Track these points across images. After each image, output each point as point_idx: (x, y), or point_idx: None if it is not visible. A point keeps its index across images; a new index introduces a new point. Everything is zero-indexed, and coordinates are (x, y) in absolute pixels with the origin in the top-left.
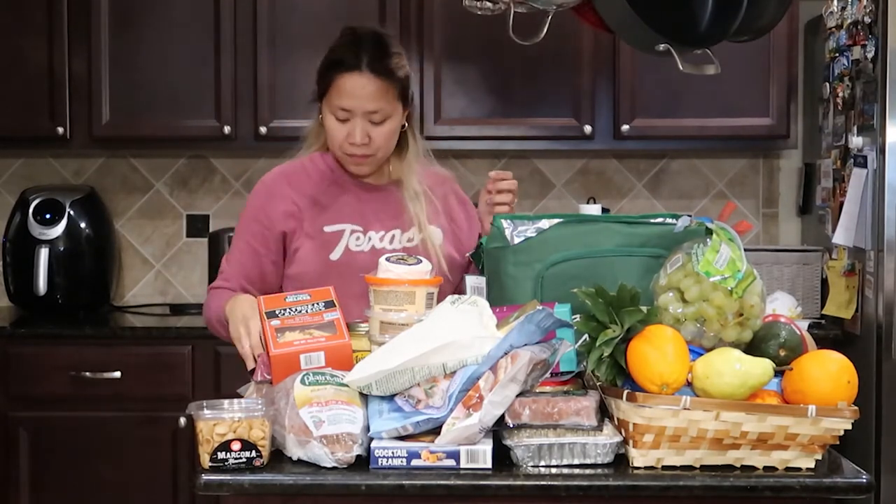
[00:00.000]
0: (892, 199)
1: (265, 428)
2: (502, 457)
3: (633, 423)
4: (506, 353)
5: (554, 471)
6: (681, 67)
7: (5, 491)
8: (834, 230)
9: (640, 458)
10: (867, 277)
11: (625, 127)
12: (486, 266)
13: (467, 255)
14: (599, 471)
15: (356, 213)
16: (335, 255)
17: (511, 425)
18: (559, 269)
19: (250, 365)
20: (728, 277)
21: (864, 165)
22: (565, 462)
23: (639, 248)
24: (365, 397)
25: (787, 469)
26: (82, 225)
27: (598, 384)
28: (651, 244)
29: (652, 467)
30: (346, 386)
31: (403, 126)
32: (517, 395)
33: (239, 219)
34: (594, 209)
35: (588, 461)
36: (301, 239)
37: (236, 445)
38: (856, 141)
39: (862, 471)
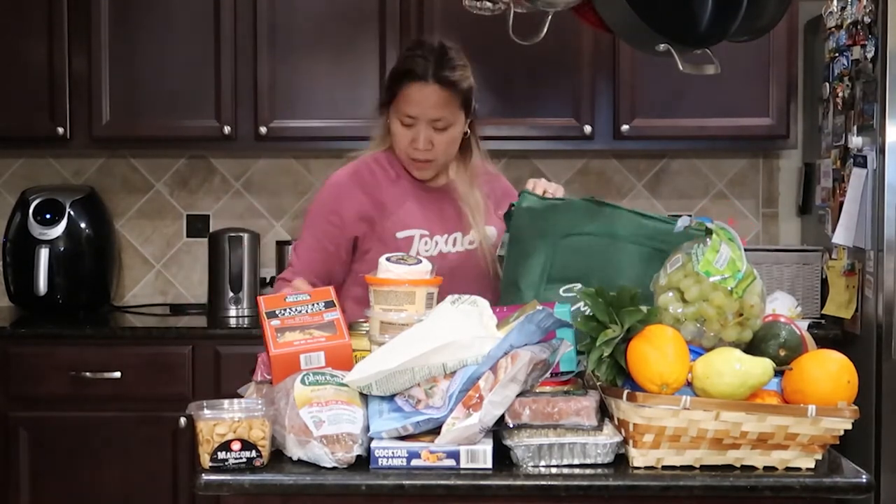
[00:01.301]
0: (891, 199)
1: (265, 428)
2: (502, 457)
3: (633, 423)
4: (506, 353)
5: (554, 471)
6: (681, 67)
7: (5, 491)
8: (834, 230)
9: (640, 458)
10: (867, 277)
11: (625, 127)
12: (511, 225)
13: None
14: (599, 471)
15: (422, 217)
16: None
17: (511, 425)
18: (573, 241)
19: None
20: (728, 277)
21: (864, 165)
22: (565, 462)
23: (648, 239)
24: (365, 397)
25: (787, 469)
26: (82, 225)
27: (598, 384)
28: (659, 238)
29: (652, 467)
30: (346, 386)
31: (466, 133)
32: (517, 395)
33: (308, 213)
34: None
35: (588, 461)
36: (373, 241)
37: (236, 445)
38: (855, 141)
39: (862, 471)
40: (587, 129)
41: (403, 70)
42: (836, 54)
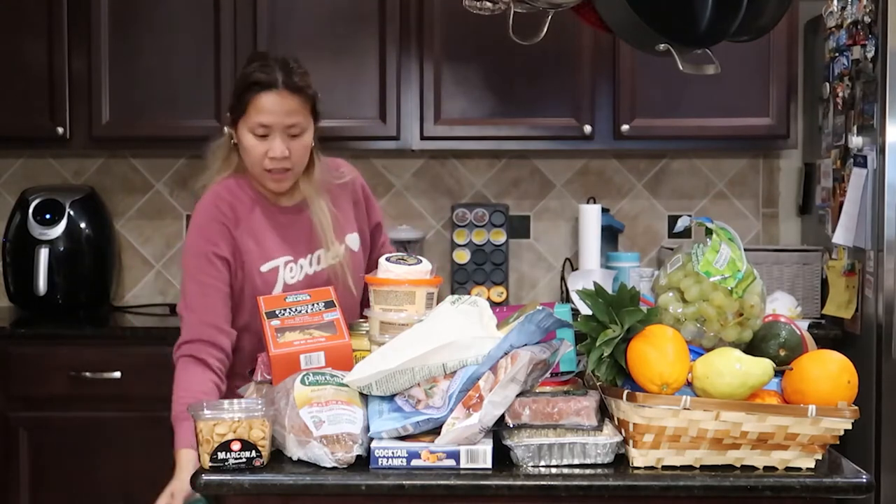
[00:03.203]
0: (891, 199)
1: (265, 428)
2: (502, 457)
3: (633, 423)
4: (506, 354)
5: (554, 471)
6: (681, 67)
7: (5, 491)
8: (834, 230)
9: (640, 458)
10: (867, 277)
11: (625, 127)
12: None
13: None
14: (599, 471)
15: (283, 244)
16: (276, 292)
17: (511, 425)
18: None
19: None
20: (728, 277)
21: (864, 165)
22: (565, 462)
23: None
24: (365, 397)
25: (787, 469)
26: (82, 225)
27: (598, 384)
28: None
29: (652, 467)
30: (346, 386)
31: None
32: (517, 395)
33: (186, 262)
34: (594, 209)
35: (588, 461)
36: (243, 281)
37: (236, 445)
38: (856, 141)
39: (862, 471)
40: (587, 129)
41: (251, 82)
42: (836, 54)
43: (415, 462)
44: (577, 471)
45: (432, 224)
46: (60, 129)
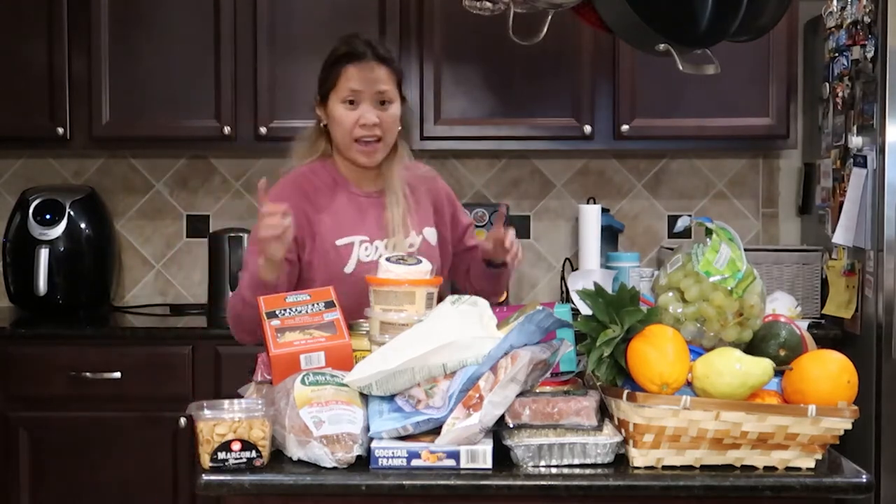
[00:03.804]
0: (891, 198)
1: (265, 428)
2: (502, 457)
3: (633, 423)
4: (506, 354)
5: (554, 471)
6: (681, 67)
7: (5, 491)
8: (834, 230)
9: (640, 458)
10: (867, 277)
11: (625, 127)
12: None
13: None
14: (599, 471)
15: (362, 223)
16: (349, 268)
17: (511, 425)
18: None
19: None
20: (728, 277)
21: (864, 165)
22: (565, 462)
23: None
24: (365, 397)
25: (787, 469)
26: (82, 225)
27: (598, 384)
28: None
29: (652, 467)
30: (346, 386)
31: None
32: (517, 396)
33: (252, 232)
34: (594, 209)
35: (588, 461)
36: (312, 253)
37: (236, 445)
38: (855, 141)
39: (862, 471)
40: (587, 129)
41: (339, 55)
42: (836, 54)
43: (415, 462)
44: (577, 471)
45: None
46: (60, 129)
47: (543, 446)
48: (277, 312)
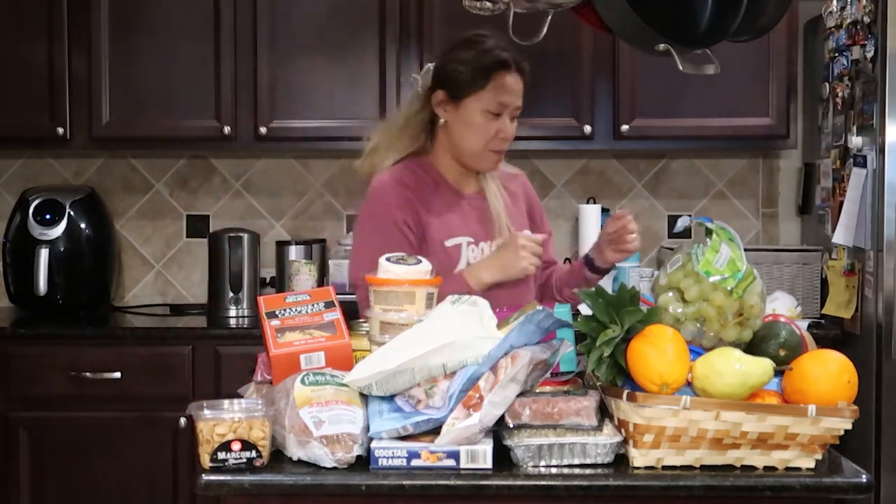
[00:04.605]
0: (891, 198)
1: (265, 428)
2: (502, 457)
3: (633, 423)
4: (506, 354)
5: (554, 471)
6: (681, 67)
7: (5, 491)
8: (834, 230)
9: (640, 458)
10: (867, 277)
11: (625, 127)
12: None
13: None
14: (599, 471)
15: (466, 225)
16: (459, 270)
17: (511, 425)
18: None
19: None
20: (728, 277)
21: (864, 165)
22: (565, 462)
23: None
24: (365, 397)
25: (787, 469)
26: (82, 225)
27: (598, 384)
28: None
29: (652, 467)
30: (346, 386)
31: None
32: (517, 396)
33: (364, 223)
34: (594, 209)
35: (588, 461)
36: (422, 251)
37: (236, 445)
38: (855, 141)
39: (862, 471)
40: (587, 129)
41: (497, 60)
42: (836, 54)
43: (415, 462)
44: (577, 471)
45: None
46: (60, 129)
47: (543, 446)
48: (277, 312)
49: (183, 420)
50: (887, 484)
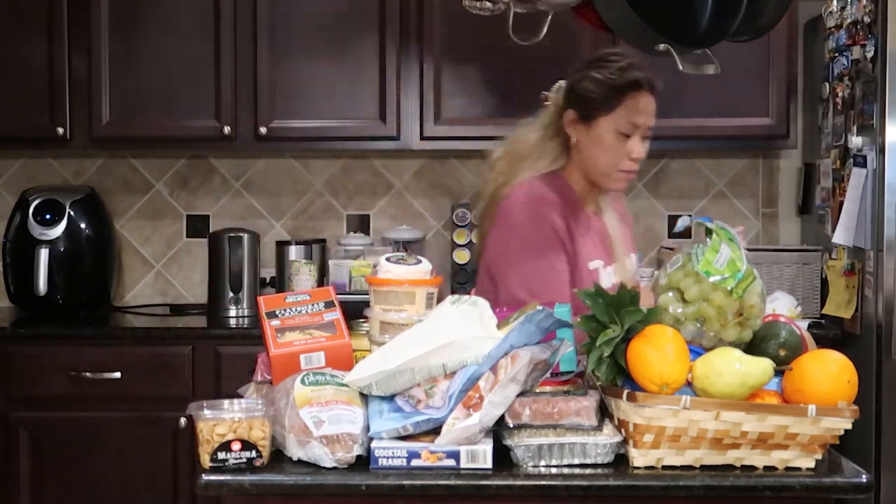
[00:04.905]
0: (891, 198)
1: (265, 428)
2: (502, 457)
3: (633, 423)
4: (506, 354)
5: (554, 471)
6: (681, 67)
7: (5, 491)
8: (833, 230)
9: (640, 458)
10: (867, 277)
11: None
12: None
13: None
14: (599, 471)
15: (600, 247)
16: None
17: (511, 425)
18: None
19: None
20: (728, 277)
21: (864, 165)
22: (565, 462)
23: None
24: (365, 397)
25: (787, 469)
26: (82, 225)
27: (598, 384)
28: None
29: (652, 467)
30: (346, 386)
31: None
32: (517, 396)
33: (523, 252)
34: None
35: (588, 461)
36: (570, 273)
37: (236, 445)
38: (855, 141)
39: (862, 470)
40: None
41: (632, 80)
42: (836, 54)
43: (415, 462)
44: (577, 471)
45: (432, 224)
46: (60, 129)
47: (543, 446)
48: (277, 312)
49: (183, 420)
50: (887, 484)
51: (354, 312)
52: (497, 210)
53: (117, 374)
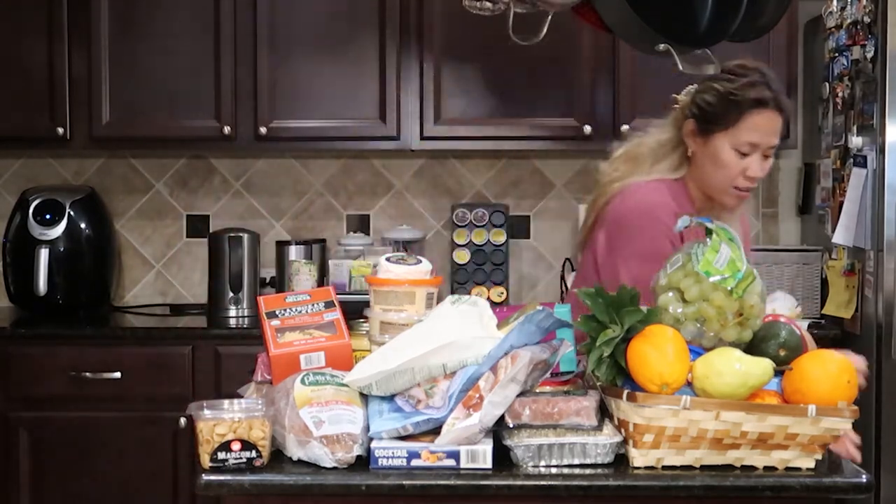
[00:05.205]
0: (891, 198)
1: (265, 428)
2: (502, 457)
3: (633, 423)
4: (506, 354)
5: (554, 471)
6: (681, 67)
7: (5, 491)
8: (834, 230)
9: (640, 458)
10: (867, 277)
11: (625, 127)
12: None
13: None
14: (599, 471)
15: None
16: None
17: (511, 425)
18: None
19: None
20: (728, 277)
21: (864, 165)
22: (565, 462)
23: None
24: (365, 397)
25: (787, 469)
26: (82, 225)
27: (598, 384)
28: None
29: (652, 467)
30: (346, 386)
31: None
32: (517, 395)
33: (628, 244)
34: None
35: (588, 461)
36: None
37: (236, 445)
38: (855, 141)
39: (862, 470)
40: (587, 129)
41: (752, 98)
42: (836, 54)
43: (415, 462)
44: (577, 471)
45: (432, 224)
46: (60, 129)
47: (543, 446)
48: (277, 312)
49: (183, 420)
50: (887, 484)
51: (354, 312)
52: (609, 207)
53: (117, 374)
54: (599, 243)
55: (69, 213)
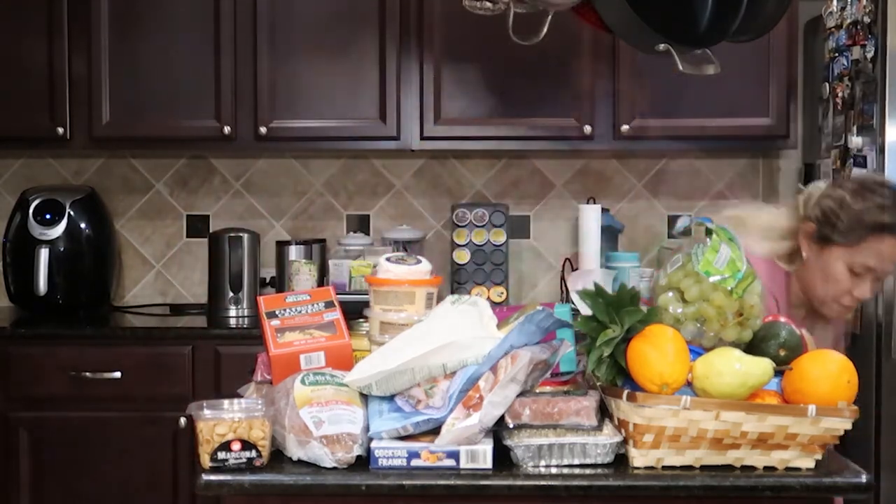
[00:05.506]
0: None
1: (265, 428)
2: (502, 457)
3: (633, 423)
4: (506, 354)
5: (554, 471)
6: (680, 67)
7: (5, 491)
8: None
9: (640, 458)
10: None
11: (625, 127)
12: None
13: None
14: (599, 471)
15: None
16: None
17: (511, 425)
18: None
19: None
20: (728, 277)
21: (864, 165)
22: (565, 462)
23: None
24: (365, 397)
25: (787, 469)
26: (82, 225)
27: (598, 384)
28: None
29: (652, 467)
30: (346, 386)
31: None
32: (517, 396)
33: None
34: (594, 209)
35: (588, 461)
36: None
37: (236, 445)
38: (855, 141)
39: (862, 471)
40: (587, 129)
41: (880, 223)
42: (836, 54)
43: (415, 462)
44: (577, 471)
45: (432, 224)
46: (60, 129)
47: (543, 446)
48: (277, 312)
49: (183, 420)
50: (887, 484)
51: (354, 312)
52: None
53: (117, 374)
54: None
55: (69, 213)
